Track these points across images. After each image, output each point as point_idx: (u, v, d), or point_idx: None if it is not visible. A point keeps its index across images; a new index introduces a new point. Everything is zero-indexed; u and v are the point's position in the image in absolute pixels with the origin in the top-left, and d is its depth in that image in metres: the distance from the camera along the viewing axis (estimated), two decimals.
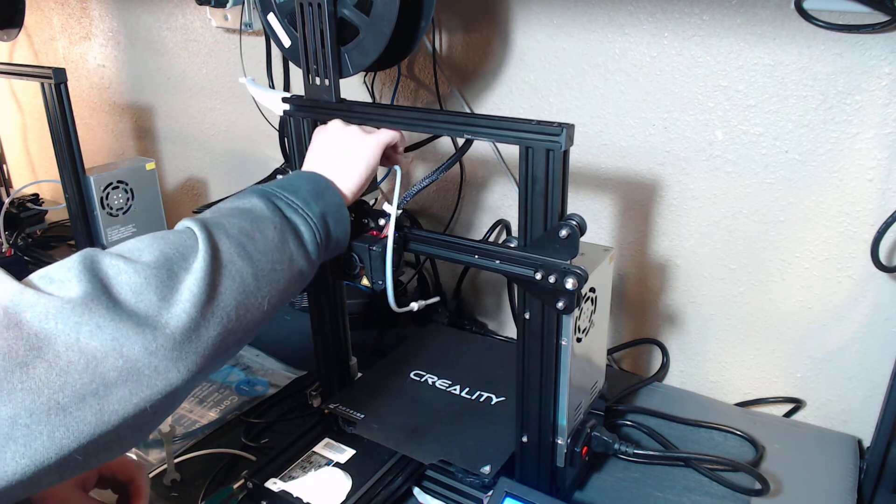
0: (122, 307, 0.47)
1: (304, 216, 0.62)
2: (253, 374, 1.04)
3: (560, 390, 0.69)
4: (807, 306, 0.90)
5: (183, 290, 0.50)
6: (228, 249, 0.55)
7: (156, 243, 0.52)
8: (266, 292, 0.57)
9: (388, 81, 1.15)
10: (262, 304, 0.56)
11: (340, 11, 0.71)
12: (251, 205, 0.61)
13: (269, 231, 0.59)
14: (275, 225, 0.60)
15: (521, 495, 0.70)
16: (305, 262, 0.62)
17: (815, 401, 0.94)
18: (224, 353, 0.54)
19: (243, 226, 0.58)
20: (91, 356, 0.44)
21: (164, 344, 0.48)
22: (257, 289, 0.56)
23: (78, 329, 0.44)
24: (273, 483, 0.75)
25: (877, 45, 0.76)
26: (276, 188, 0.64)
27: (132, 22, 1.52)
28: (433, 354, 0.96)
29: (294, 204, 0.63)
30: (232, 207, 0.60)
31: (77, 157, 1.11)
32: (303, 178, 0.66)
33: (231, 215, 0.59)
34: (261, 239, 0.58)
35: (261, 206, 0.61)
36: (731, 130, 0.88)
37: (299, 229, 0.62)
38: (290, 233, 0.61)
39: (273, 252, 0.58)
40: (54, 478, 0.44)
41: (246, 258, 0.56)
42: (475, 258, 0.68)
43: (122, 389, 0.46)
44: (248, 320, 0.55)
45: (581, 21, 0.94)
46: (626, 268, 1.03)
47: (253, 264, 0.56)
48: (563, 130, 0.59)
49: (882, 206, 0.81)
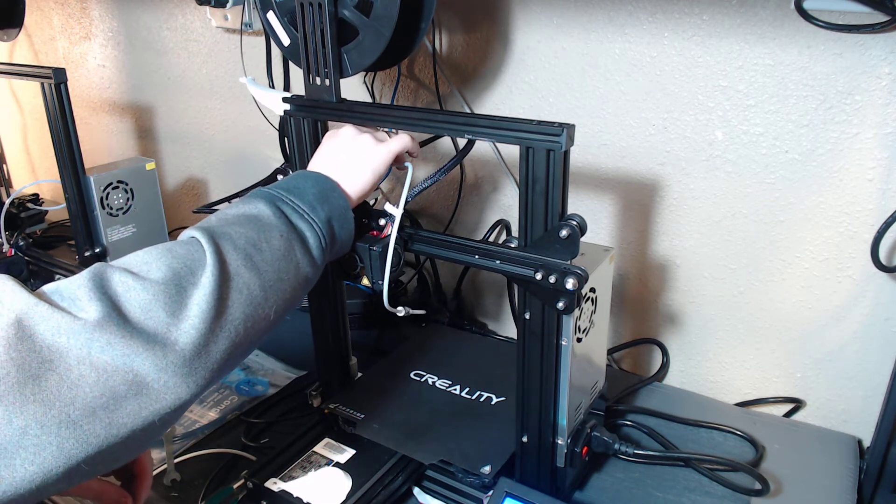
0: (132, 325, 0.47)
1: (309, 221, 0.62)
2: (253, 374, 1.04)
3: (560, 390, 0.69)
4: (807, 306, 0.90)
5: (192, 306, 0.50)
6: (236, 261, 0.55)
7: (164, 257, 0.52)
8: (273, 302, 0.57)
9: (389, 81, 1.15)
10: (269, 314, 0.57)
11: (340, 12, 0.71)
12: (257, 211, 0.60)
13: (276, 240, 0.59)
14: (281, 233, 0.59)
15: (521, 495, 0.70)
16: (311, 267, 0.62)
17: (815, 401, 0.94)
18: (232, 364, 0.54)
19: (250, 235, 0.57)
20: (102, 370, 0.45)
21: (174, 360, 0.48)
22: (264, 299, 0.56)
23: (90, 345, 0.45)
24: (273, 483, 0.75)
25: (877, 45, 0.76)
26: (282, 191, 0.63)
27: (132, 22, 1.52)
28: (433, 354, 0.96)
29: (300, 209, 0.62)
30: (238, 214, 0.60)
31: (77, 157, 1.11)
32: (309, 180, 0.66)
33: (237, 223, 0.58)
34: (267, 249, 0.58)
35: (267, 212, 0.60)
36: (731, 130, 0.88)
37: (305, 235, 0.62)
38: (296, 240, 0.60)
39: (280, 261, 0.58)
40: (62, 486, 0.44)
41: (253, 270, 0.56)
42: (475, 258, 0.68)
43: (132, 403, 0.46)
44: (255, 331, 0.55)
45: (581, 21, 0.94)
46: (626, 268, 1.03)
47: (260, 276, 0.56)
48: (563, 130, 0.59)
49: (882, 206, 0.81)
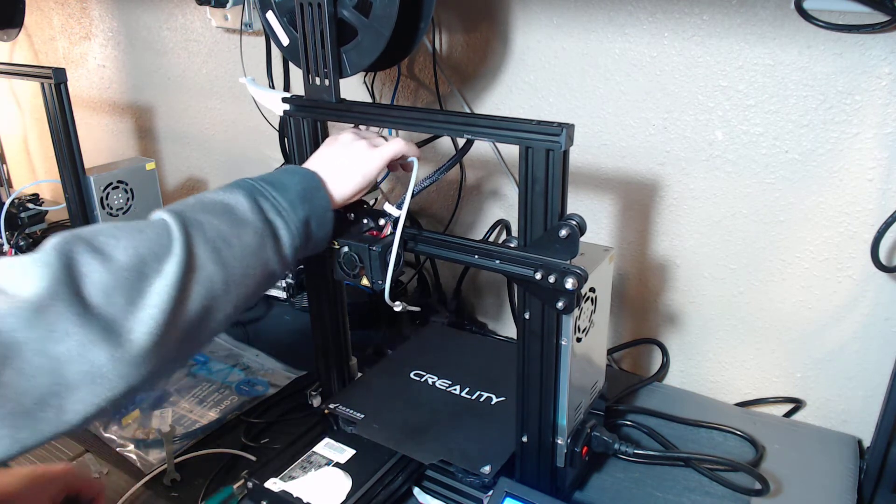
0: (90, 310, 0.47)
1: (286, 219, 0.62)
2: (253, 374, 1.04)
3: (560, 390, 0.69)
4: (807, 306, 0.90)
5: (152, 295, 0.50)
6: (203, 254, 0.54)
7: (132, 237, 0.52)
8: (235, 296, 0.57)
9: (388, 81, 1.15)
10: (228, 308, 0.56)
11: (340, 12, 0.71)
12: (235, 202, 0.60)
13: (248, 236, 0.58)
14: (255, 230, 0.59)
15: (521, 495, 0.70)
16: (279, 265, 0.61)
17: (815, 401, 0.94)
18: (187, 354, 0.54)
19: (222, 228, 0.57)
20: (56, 360, 0.45)
21: (129, 350, 0.48)
22: (226, 293, 0.56)
23: (46, 335, 0.45)
24: (273, 483, 0.75)
25: (877, 45, 0.76)
26: (266, 185, 0.63)
27: (132, 22, 1.52)
28: (433, 354, 0.96)
29: (279, 205, 0.62)
30: (215, 202, 0.59)
31: (77, 157, 1.11)
32: (296, 176, 0.66)
33: (212, 213, 0.58)
34: (238, 245, 0.57)
35: (245, 205, 0.60)
36: (731, 130, 0.88)
37: (279, 234, 0.61)
38: (269, 237, 0.60)
39: (248, 258, 0.58)
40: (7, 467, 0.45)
41: (219, 264, 0.55)
42: (475, 258, 0.68)
43: (84, 391, 0.46)
44: (213, 323, 0.55)
45: (581, 21, 0.94)
46: (626, 268, 1.03)
47: (226, 270, 0.55)
48: (563, 130, 0.59)
49: (882, 206, 0.81)
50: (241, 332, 1.17)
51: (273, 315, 1.23)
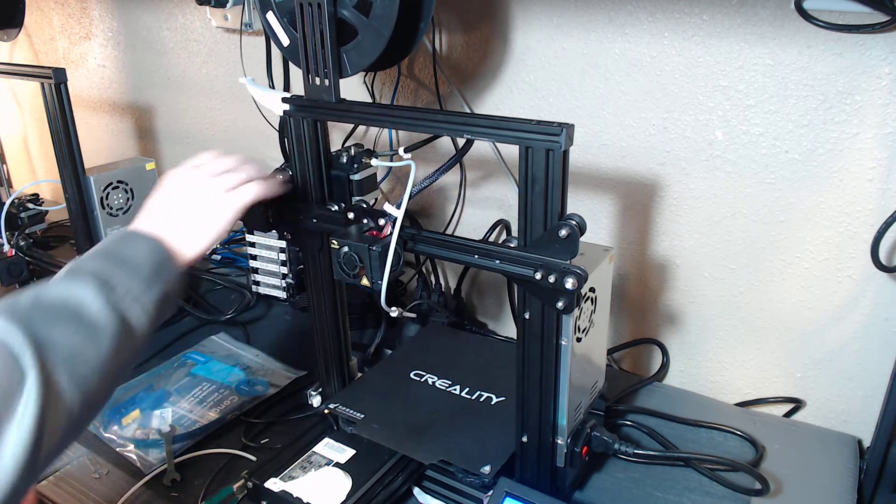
0: None
1: (141, 303, 0.57)
2: (253, 374, 1.04)
3: (560, 390, 0.69)
4: (807, 306, 0.90)
5: (5, 445, 0.44)
6: (62, 380, 0.49)
7: None
8: (92, 404, 0.52)
9: (388, 81, 1.15)
10: (93, 414, 0.54)
11: (340, 12, 0.71)
12: (82, 300, 0.53)
13: (104, 342, 0.53)
14: (109, 333, 0.53)
15: (521, 495, 0.70)
16: (138, 350, 0.58)
17: (815, 401, 0.94)
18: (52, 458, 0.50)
19: (74, 342, 0.51)
20: None
21: None
22: (89, 409, 0.52)
23: None
24: (273, 483, 0.75)
25: (877, 45, 0.76)
26: (112, 265, 0.57)
27: (132, 22, 1.52)
28: (433, 354, 0.96)
29: (131, 292, 0.56)
30: (63, 304, 0.53)
31: (77, 157, 1.11)
32: (143, 247, 0.60)
33: (61, 320, 0.52)
34: (94, 357, 0.52)
35: (95, 304, 0.53)
36: (731, 130, 0.88)
37: (134, 325, 0.56)
38: (124, 334, 0.55)
39: (106, 364, 0.53)
40: None
41: (78, 385, 0.50)
42: (475, 258, 0.68)
43: None
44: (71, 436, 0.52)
45: (581, 21, 0.94)
46: (626, 268, 1.03)
47: (85, 390, 0.51)
48: (563, 130, 0.59)
49: (882, 206, 0.81)
50: (241, 332, 1.17)
51: (273, 315, 1.23)
